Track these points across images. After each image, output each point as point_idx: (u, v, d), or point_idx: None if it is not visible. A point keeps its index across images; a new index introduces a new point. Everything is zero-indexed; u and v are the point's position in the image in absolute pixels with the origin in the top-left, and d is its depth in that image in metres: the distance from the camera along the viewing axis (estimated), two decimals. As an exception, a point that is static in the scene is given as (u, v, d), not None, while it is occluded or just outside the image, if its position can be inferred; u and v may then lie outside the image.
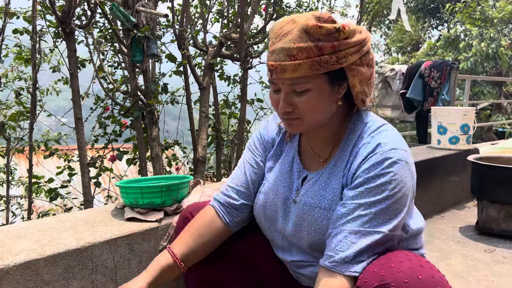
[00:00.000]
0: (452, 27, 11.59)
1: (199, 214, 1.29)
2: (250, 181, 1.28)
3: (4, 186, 3.76)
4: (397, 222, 1.02)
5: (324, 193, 1.12)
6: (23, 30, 3.18)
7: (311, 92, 1.04)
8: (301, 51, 0.99)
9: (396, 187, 1.01)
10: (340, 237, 1.02)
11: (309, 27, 0.99)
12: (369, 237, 1.00)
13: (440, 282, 0.91)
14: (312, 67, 1.00)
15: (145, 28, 2.77)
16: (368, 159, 1.05)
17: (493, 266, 2.28)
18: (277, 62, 1.02)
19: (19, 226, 1.46)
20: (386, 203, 1.00)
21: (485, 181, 2.71)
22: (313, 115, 1.07)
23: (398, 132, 1.13)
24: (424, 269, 0.92)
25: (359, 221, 1.01)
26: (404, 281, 0.90)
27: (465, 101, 5.56)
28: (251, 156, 1.30)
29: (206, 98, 3.55)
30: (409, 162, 1.05)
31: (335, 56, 1.01)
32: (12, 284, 1.16)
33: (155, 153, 3.15)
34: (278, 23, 1.06)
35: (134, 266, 1.43)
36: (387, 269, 0.94)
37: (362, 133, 1.11)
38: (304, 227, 1.14)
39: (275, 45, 1.03)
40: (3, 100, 3.64)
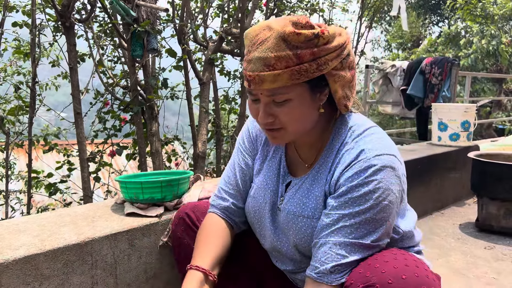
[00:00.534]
0: (453, 24, 11.56)
1: (206, 223, 1.26)
2: (241, 183, 1.26)
3: (3, 181, 3.75)
4: (382, 231, 1.00)
5: (307, 201, 1.10)
6: (23, 24, 3.17)
7: (291, 102, 1.00)
8: (280, 60, 0.94)
9: (381, 196, 0.98)
10: (325, 248, 1.00)
11: (287, 35, 0.94)
12: (354, 247, 0.98)
13: (425, 280, 0.90)
14: (292, 76, 0.96)
15: (145, 22, 2.75)
16: (351, 167, 1.01)
17: (493, 263, 2.28)
18: (255, 73, 0.97)
19: (18, 221, 1.45)
20: (370, 212, 0.98)
21: (485, 178, 2.70)
22: (295, 125, 1.04)
23: (385, 134, 1.09)
24: (409, 268, 0.91)
25: (343, 231, 0.99)
26: (388, 282, 0.89)
27: (466, 98, 5.55)
28: (240, 157, 1.28)
29: (206, 94, 3.55)
30: (395, 167, 1.00)
31: (315, 64, 0.96)
32: (11, 279, 1.15)
33: (155, 148, 3.15)
34: (254, 29, 1.00)
35: (134, 261, 1.42)
36: (372, 270, 0.93)
37: (346, 137, 1.07)
38: (290, 235, 1.13)
39: (251, 54, 0.98)
40: (2, 95, 3.63)
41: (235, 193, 1.27)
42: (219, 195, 1.29)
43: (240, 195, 1.27)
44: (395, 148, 1.06)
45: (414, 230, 1.17)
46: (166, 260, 1.51)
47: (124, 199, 1.61)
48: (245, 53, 1.02)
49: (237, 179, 1.27)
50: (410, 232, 1.14)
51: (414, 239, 1.17)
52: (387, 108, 4.96)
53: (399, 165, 1.03)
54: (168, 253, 1.51)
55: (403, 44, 14.77)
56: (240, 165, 1.27)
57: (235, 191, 1.27)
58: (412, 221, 1.17)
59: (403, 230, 1.10)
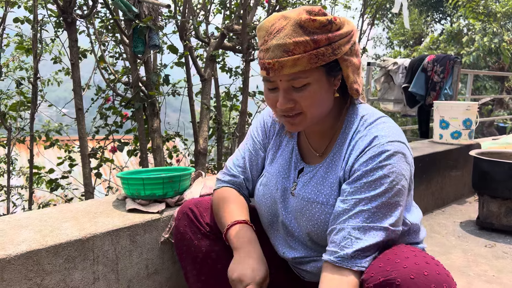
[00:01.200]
0: (455, 21, 11.52)
1: (222, 193, 1.31)
2: (249, 166, 1.32)
3: (5, 176, 3.76)
4: (398, 214, 1.02)
5: (322, 188, 1.13)
6: (24, 19, 3.17)
7: (310, 86, 1.04)
8: (298, 45, 0.99)
9: (395, 180, 1.01)
10: (344, 233, 1.01)
11: (303, 21, 1.00)
12: (373, 231, 1.00)
13: (446, 279, 0.91)
14: (311, 60, 1.00)
15: (147, 18, 2.75)
16: (365, 152, 1.05)
17: (493, 261, 2.29)
18: (274, 59, 1.01)
19: (20, 216, 1.45)
20: (386, 196, 1.01)
21: (486, 176, 2.70)
22: (315, 109, 1.07)
23: (395, 124, 1.13)
24: (430, 265, 0.92)
25: (361, 216, 1.01)
26: (410, 277, 0.90)
27: (467, 96, 5.54)
28: (251, 143, 1.33)
29: (207, 90, 3.54)
30: (406, 154, 1.05)
31: (331, 48, 1.01)
32: (13, 274, 1.16)
33: (156, 145, 3.15)
34: (268, 21, 1.05)
35: (135, 257, 1.43)
36: (393, 265, 0.94)
37: (358, 126, 1.11)
38: (303, 221, 1.15)
39: (268, 43, 1.02)
40: (4, 90, 3.63)
41: (242, 175, 1.32)
42: (227, 172, 1.35)
43: (247, 177, 1.32)
44: (404, 138, 1.10)
45: (420, 225, 1.19)
46: (167, 256, 1.51)
47: (126, 195, 1.61)
48: (261, 44, 1.06)
49: (245, 162, 1.32)
50: (417, 226, 1.16)
51: (419, 234, 1.18)
52: (388, 105, 4.95)
53: (409, 153, 1.07)
54: (170, 249, 1.51)
55: (405, 42, 14.74)
56: (250, 150, 1.33)
57: (242, 173, 1.32)
58: (418, 216, 1.19)
59: (410, 222, 1.13)
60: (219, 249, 1.30)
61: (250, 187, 1.34)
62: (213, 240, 1.30)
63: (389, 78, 4.81)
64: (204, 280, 1.31)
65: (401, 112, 5.05)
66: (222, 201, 1.28)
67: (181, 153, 4.04)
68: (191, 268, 1.31)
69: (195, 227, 1.31)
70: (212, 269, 1.30)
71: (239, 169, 1.33)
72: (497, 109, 11.70)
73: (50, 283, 1.23)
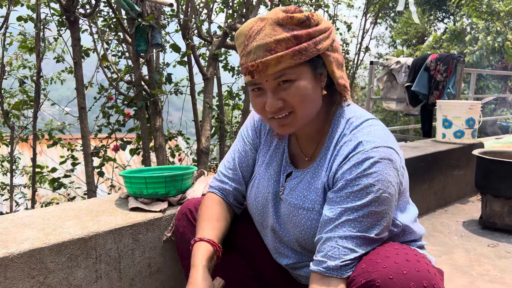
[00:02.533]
0: (458, 20, 11.48)
1: (207, 201, 1.30)
2: (239, 167, 1.31)
3: (7, 175, 3.77)
4: (384, 224, 1.00)
5: (308, 194, 1.11)
6: (27, 18, 3.17)
7: (297, 82, 1.02)
8: (280, 43, 0.98)
9: (381, 188, 0.98)
10: (332, 243, 1.00)
11: (281, 19, 0.99)
12: (360, 241, 0.98)
13: (426, 275, 0.90)
14: (294, 56, 0.99)
15: (150, 17, 2.75)
16: (349, 159, 1.02)
17: (496, 260, 2.28)
18: (258, 60, 0.99)
19: (23, 215, 1.46)
20: (372, 205, 0.98)
21: (489, 175, 2.69)
22: (304, 106, 1.04)
23: (383, 126, 1.09)
24: (409, 263, 0.91)
25: (347, 225, 0.99)
26: (389, 277, 0.89)
27: (471, 95, 5.52)
28: (241, 144, 1.32)
29: (210, 89, 3.54)
30: (393, 159, 1.01)
31: (312, 43, 1.01)
32: (16, 272, 1.16)
33: (159, 144, 3.15)
34: (245, 26, 1.04)
35: (138, 255, 1.43)
36: (374, 265, 0.93)
37: (344, 129, 1.08)
38: (291, 227, 1.14)
39: (249, 46, 1.01)
40: (7, 88, 3.64)
41: (233, 177, 1.31)
42: (218, 178, 1.34)
43: (238, 179, 1.31)
44: (393, 140, 1.07)
45: (414, 224, 1.17)
46: (170, 254, 1.52)
47: (128, 194, 1.61)
48: (241, 50, 1.04)
49: (236, 164, 1.31)
50: (409, 227, 1.14)
51: (415, 233, 1.17)
52: (391, 104, 4.94)
53: (397, 157, 1.04)
54: (172, 248, 1.51)
55: (407, 41, 14.69)
56: (240, 152, 1.31)
57: (233, 175, 1.31)
58: (412, 216, 1.18)
59: (402, 223, 1.11)
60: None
61: (242, 188, 1.32)
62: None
63: (391, 77, 4.79)
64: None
65: (403, 111, 5.04)
66: (202, 211, 1.28)
67: (184, 151, 4.04)
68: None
69: (194, 227, 1.31)
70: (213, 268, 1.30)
71: (229, 171, 1.31)
72: (500, 108, 11.66)
73: (52, 281, 1.23)
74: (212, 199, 1.31)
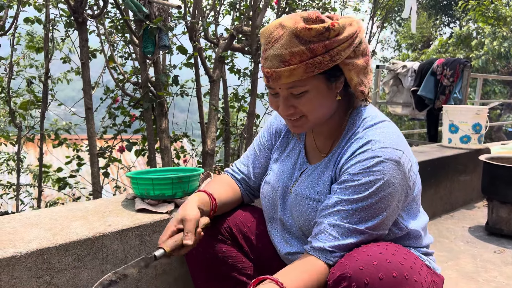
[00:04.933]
0: (464, 25, 11.46)
1: (221, 177, 1.40)
2: (251, 164, 1.39)
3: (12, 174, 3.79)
4: (378, 220, 1.02)
5: (316, 185, 1.15)
6: (34, 19, 3.19)
7: (308, 93, 1.05)
8: (294, 55, 1.00)
9: (381, 187, 1.01)
10: (320, 227, 1.05)
11: (299, 31, 0.99)
12: (347, 232, 1.02)
13: (398, 267, 0.92)
14: (307, 69, 1.01)
15: (158, 19, 2.76)
16: (356, 155, 1.05)
17: (502, 267, 2.26)
18: (272, 69, 1.03)
19: (30, 214, 1.46)
20: (368, 201, 1.01)
21: (496, 181, 2.68)
22: (314, 114, 1.09)
23: (397, 130, 1.11)
24: (382, 256, 0.94)
25: (339, 215, 1.03)
26: (359, 268, 0.93)
27: (477, 100, 5.50)
28: (257, 143, 1.40)
29: (216, 91, 3.55)
30: (401, 162, 1.03)
31: (328, 56, 1.01)
32: (24, 272, 1.16)
33: (164, 145, 3.16)
34: (267, 29, 1.05)
35: (144, 257, 1.43)
36: (350, 259, 0.97)
37: (358, 128, 1.11)
38: (297, 216, 1.18)
39: (267, 52, 1.04)
40: (15, 88, 3.66)
41: (244, 171, 1.41)
42: (234, 169, 1.43)
43: (248, 174, 1.40)
44: (405, 145, 1.08)
45: (422, 231, 1.18)
46: (176, 257, 1.51)
47: (135, 195, 1.61)
48: (262, 51, 1.07)
49: (249, 160, 1.40)
50: (417, 232, 1.15)
51: (422, 241, 1.18)
52: (397, 109, 4.93)
53: (406, 161, 1.05)
54: (178, 250, 1.51)
55: (413, 45, 14.67)
56: (254, 149, 1.40)
57: (246, 170, 1.40)
58: (422, 223, 1.19)
59: (408, 228, 1.13)
60: (226, 250, 1.31)
61: (251, 183, 1.40)
62: (219, 240, 1.31)
63: (398, 81, 4.79)
64: (212, 280, 1.31)
65: (409, 116, 5.02)
66: (215, 179, 1.41)
67: (189, 153, 4.04)
68: (198, 269, 1.32)
69: None
70: (219, 270, 1.31)
71: (242, 166, 1.41)
72: (506, 114, 11.61)
73: (59, 281, 1.23)
74: (226, 177, 1.42)
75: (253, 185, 1.39)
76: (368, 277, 0.91)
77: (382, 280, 0.90)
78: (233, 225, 1.34)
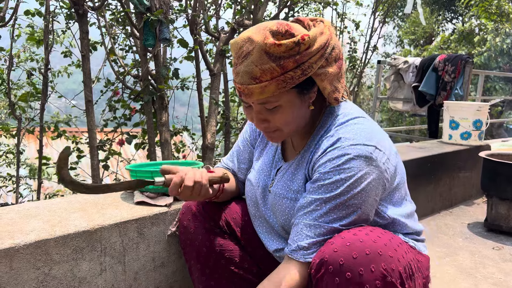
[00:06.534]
0: (467, 21, 11.40)
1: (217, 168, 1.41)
2: (237, 160, 1.42)
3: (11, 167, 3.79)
4: (354, 217, 1.03)
5: (291, 184, 1.16)
6: (35, 12, 3.18)
7: (282, 108, 1.05)
8: (265, 72, 0.99)
9: (353, 184, 1.01)
10: (298, 229, 1.06)
11: (268, 47, 0.98)
12: (322, 230, 1.03)
13: (371, 245, 0.94)
14: (279, 86, 1.00)
15: (158, 11, 2.74)
16: (326, 154, 1.05)
17: (501, 263, 2.26)
18: (244, 85, 1.02)
19: (29, 206, 1.46)
20: (341, 199, 1.02)
21: (496, 178, 2.67)
22: (289, 127, 1.09)
23: (370, 125, 1.10)
24: (355, 236, 0.97)
25: (314, 215, 1.04)
26: (334, 251, 0.95)
27: (478, 97, 5.48)
28: (241, 139, 1.42)
29: (216, 85, 3.54)
30: (373, 157, 1.02)
31: (300, 70, 1.00)
32: (22, 263, 1.17)
33: (164, 138, 3.16)
34: (236, 42, 1.04)
35: (143, 249, 1.43)
36: (326, 245, 0.99)
37: (330, 125, 1.11)
38: (277, 215, 1.19)
39: (238, 67, 1.03)
40: (15, 80, 3.65)
41: (233, 167, 1.44)
42: (222, 164, 1.47)
43: (235, 170, 1.43)
44: (379, 139, 1.07)
45: (408, 219, 1.18)
46: (174, 249, 1.52)
47: (134, 188, 1.61)
48: (233, 64, 1.07)
49: (234, 157, 1.43)
50: (399, 221, 1.15)
51: (408, 228, 1.18)
52: (398, 104, 4.92)
53: (380, 155, 1.05)
54: (176, 243, 1.51)
55: (415, 41, 14.60)
56: (239, 146, 1.42)
57: (232, 166, 1.44)
58: (407, 211, 1.19)
59: (390, 216, 1.13)
60: (224, 243, 1.31)
61: (239, 178, 1.42)
62: (217, 234, 1.32)
63: (399, 77, 4.77)
64: (208, 273, 1.32)
65: (410, 112, 5.01)
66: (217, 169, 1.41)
67: (188, 147, 4.04)
68: (195, 262, 1.32)
69: (198, 221, 1.32)
70: (216, 263, 1.31)
71: (229, 162, 1.44)
72: (507, 111, 11.59)
73: (58, 272, 1.24)
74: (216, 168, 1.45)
75: (242, 180, 1.42)
76: (342, 257, 0.93)
77: (356, 259, 0.93)
78: (230, 218, 1.35)
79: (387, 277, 0.92)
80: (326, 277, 0.95)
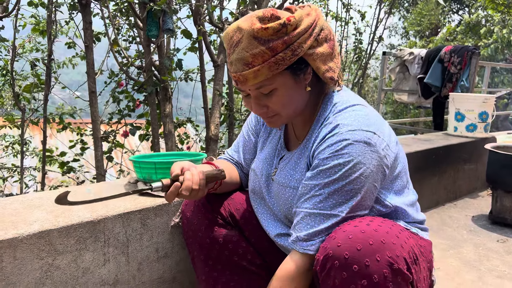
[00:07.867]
0: (474, 12, 11.27)
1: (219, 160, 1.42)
2: (242, 150, 1.43)
3: (18, 157, 3.80)
4: (353, 203, 1.03)
5: (293, 173, 1.17)
6: (38, 3, 3.16)
7: (277, 90, 1.07)
8: (256, 57, 1.01)
9: (352, 169, 1.01)
10: (299, 218, 1.08)
11: (256, 32, 1.00)
12: (323, 217, 1.04)
13: (373, 235, 0.94)
14: (271, 68, 1.02)
15: (162, 1, 2.72)
16: (325, 140, 1.07)
17: (505, 256, 2.26)
18: (238, 73, 1.05)
19: (33, 196, 1.47)
20: (339, 183, 1.02)
21: (501, 170, 2.65)
22: (287, 110, 1.11)
23: (369, 112, 1.11)
24: (356, 228, 0.97)
25: (313, 201, 1.05)
26: (337, 245, 0.96)
27: (484, 89, 5.44)
28: (246, 129, 1.43)
29: (220, 76, 3.52)
30: (372, 142, 1.03)
31: (290, 51, 1.02)
32: (26, 253, 1.17)
33: (168, 130, 3.15)
34: (227, 33, 1.06)
35: (146, 240, 1.43)
36: (329, 240, 1.00)
37: (329, 113, 1.13)
38: (280, 204, 1.20)
39: (231, 57, 1.06)
40: (19, 71, 3.65)
41: (238, 158, 1.44)
42: (227, 156, 1.47)
43: (240, 160, 1.43)
44: (378, 125, 1.08)
45: (410, 208, 1.19)
46: (177, 240, 1.52)
47: (138, 179, 1.61)
48: (227, 56, 1.09)
49: (239, 147, 1.44)
50: (401, 209, 1.16)
51: (410, 216, 1.18)
52: (403, 96, 4.88)
53: (379, 141, 1.05)
54: (179, 234, 1.51)
55: (420, 32, 14.47)
56: (244, 136, 1.43)
57: (237, 157, 1.44)
58: (409, 200, 1.20)
59: (392, 204, 1.14)
60: (226, 234, 1.31)
61: (243, 169, 1.43)
62: (220, 225, 1.32)
63: (404, 68, 4.73)
64: (211, 265, 1.32)
65: (415, 103, 4.98)
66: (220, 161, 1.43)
67: (192, 139, 4.04)
68: (198, 253, 1.32)
69: (201, 213, 1.32)
70: (219, 254, 1.31)
71: (234, 153, 1.45)
72: (513, 103, 11.48)
73: (61, 263, 1.24)
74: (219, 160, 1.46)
75: (246, 171, 1.43)
76: (347, 251, 0.94)
77: (360, 251, 0.93)
78: (234, 209, 1.35)
79: (393, 265, 0.93)
80: (333, 273, 0.95)
